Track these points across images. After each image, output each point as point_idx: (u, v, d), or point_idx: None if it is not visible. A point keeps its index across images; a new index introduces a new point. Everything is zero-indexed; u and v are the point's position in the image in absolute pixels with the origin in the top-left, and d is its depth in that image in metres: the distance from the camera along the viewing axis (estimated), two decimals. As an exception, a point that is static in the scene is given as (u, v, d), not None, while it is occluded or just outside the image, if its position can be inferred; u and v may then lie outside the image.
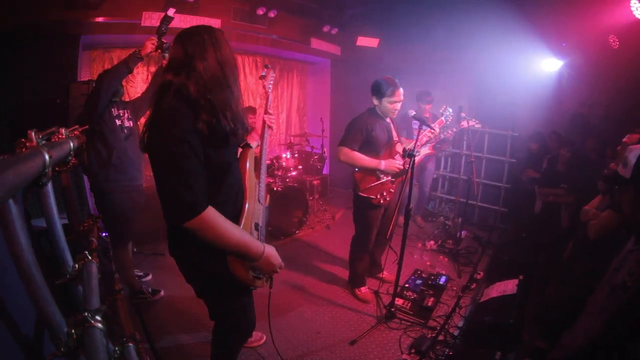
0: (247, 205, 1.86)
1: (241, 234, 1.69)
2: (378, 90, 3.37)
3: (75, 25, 4.17)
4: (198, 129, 1.52)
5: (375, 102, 3.42)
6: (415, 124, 5.07)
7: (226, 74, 1.64)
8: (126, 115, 3.32)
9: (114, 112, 3.20)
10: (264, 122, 2.26)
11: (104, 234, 3.74)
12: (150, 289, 3.68)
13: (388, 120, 3.54)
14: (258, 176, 2.07)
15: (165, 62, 3.10)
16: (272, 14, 5.64)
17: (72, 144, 1.37)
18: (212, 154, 1.61)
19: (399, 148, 3.48)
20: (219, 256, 1.70)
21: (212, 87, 1.59)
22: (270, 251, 1.79)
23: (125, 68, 3.07)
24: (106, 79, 3.01)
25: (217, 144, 1.61)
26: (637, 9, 3.94)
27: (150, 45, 3.09)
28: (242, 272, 1.77)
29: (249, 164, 1.95)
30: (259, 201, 2.02)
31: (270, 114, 2.29)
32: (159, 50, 3.13)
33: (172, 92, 1.58)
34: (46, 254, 1.46)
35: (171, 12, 3.17)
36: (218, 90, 1.60)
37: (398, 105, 3.39)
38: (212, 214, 1.56)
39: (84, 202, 4.36)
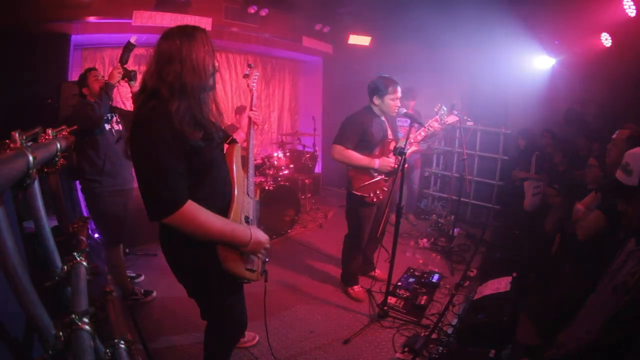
0: (235, 198, 1.87)
1: (224, 222, 1.70)
2: (379, 89, 3.38)
3: (66, 24, 4.14)
4: (176, 128, 1.53)
5: (377, 101, 3.43)
6: (402, 121, 5.04)
7: (191, 82, 1.60)
8: (115, 119, 3.35)
9: None
10: (249, 119, 2.30)
11: (96, 236, 3.72)
12: (142, 290, 3.66)
13: (383, 118, 3.54)
14: (246, 171, 2.09)
15: (133, 90, 3.18)
16: (263, 13, 5.62)
17: (59, 145, 1.36)
18: (194, 151, 1.61)
19: (392, 146, 3.48)
20: (209, 251, 1.71)
21: (179, 93, 1.58)
22: (257, 233, 1.80)
23: (107, 99, 3.10)
24: (98, 112, 3.03)
25: (194, 148, 1.61)
26: (629, 7, 3.96)
27: (117, 75, 3.11)
28: (234, 264, 1.78)
29: (235, 159, 1.96)
30: (248, 195, 2.03)
31: (254, 110, 2.32)
32: (126, 79, 3.17)
33: (148, 94, 1.60)
34: (38, 256, 1.46)
35: (133, 39, 3.14)
36: (183, 97, 1.59)
37: (398, 102, 3.43)
38: (191, 208, 1.58)
39: (75, 204, 4.32)
